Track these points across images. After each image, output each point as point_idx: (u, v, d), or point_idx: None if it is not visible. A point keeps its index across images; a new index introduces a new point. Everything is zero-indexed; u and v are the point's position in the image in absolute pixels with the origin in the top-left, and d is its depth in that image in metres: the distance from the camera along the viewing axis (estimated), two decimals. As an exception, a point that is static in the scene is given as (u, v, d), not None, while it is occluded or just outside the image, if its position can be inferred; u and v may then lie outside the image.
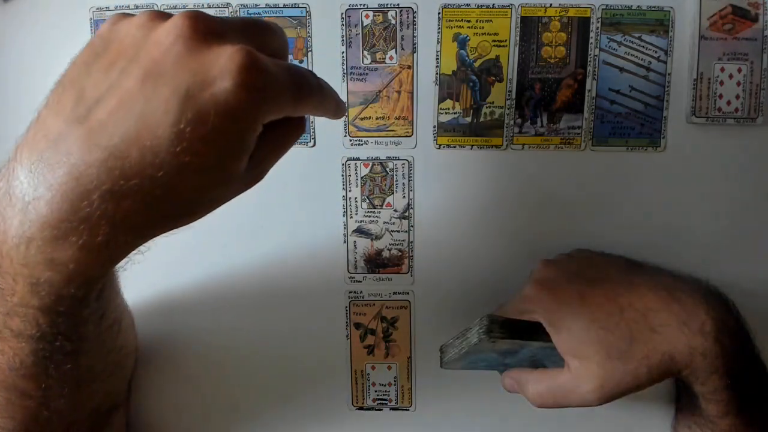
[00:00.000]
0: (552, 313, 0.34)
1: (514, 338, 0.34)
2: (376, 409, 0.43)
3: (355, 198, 0.42)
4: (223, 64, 0.21)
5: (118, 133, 0.21)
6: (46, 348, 0.26)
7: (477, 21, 0.40)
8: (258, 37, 0.24)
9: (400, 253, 0.42)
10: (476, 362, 0.37)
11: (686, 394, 0.36)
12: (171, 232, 0.24)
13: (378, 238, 0.42)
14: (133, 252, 0.25)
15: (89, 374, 0.32)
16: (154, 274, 0.42)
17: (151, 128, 0.20)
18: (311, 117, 0.41)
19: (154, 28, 0.22)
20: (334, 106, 0.28)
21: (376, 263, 0.42)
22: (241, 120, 0.22)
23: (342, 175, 0.41)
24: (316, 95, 0.26)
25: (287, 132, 0.26)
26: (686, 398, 0.37)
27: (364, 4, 0.40)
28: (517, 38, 0.40)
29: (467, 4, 0.40)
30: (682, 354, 0.31)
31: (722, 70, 0.40)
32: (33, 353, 0.26)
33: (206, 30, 0.22)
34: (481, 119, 0.41)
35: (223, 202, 0.25)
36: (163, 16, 0.22)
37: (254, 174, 0.26)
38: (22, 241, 0.22)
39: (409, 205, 0.42)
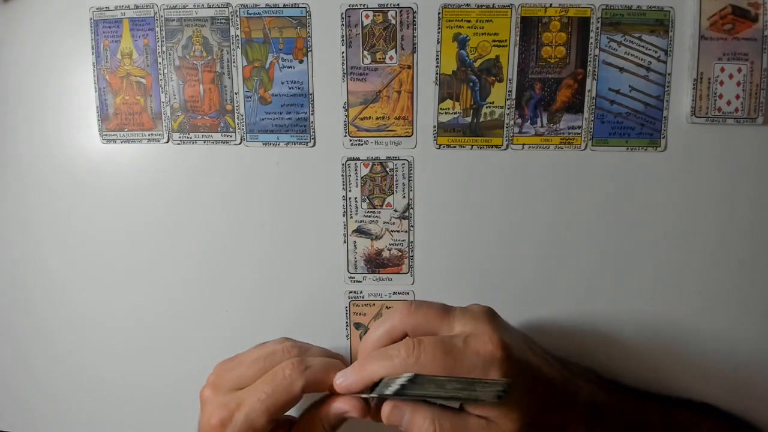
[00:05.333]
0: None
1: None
2: (376, 409, 0.43)
3: (355, 198, 0.42)
4: None
5: None
6: None
7: (477, 21, 0.40)
8: None
9: (400, 253, 0.42)
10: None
11: None
12: None
13: (378, 238, 0.42)
14: None
15: None
16: (157, 276, 0.42)
17: None
18: (311, 117, 0.41)
19: None
20: None
21: (376, 263, 0.42)
22: None
23: (342, 175, 0.41)
24: None
25: None
26: None
27: (364, 4, 0.40)
28: (517, 38, 0.40)
29: (467, 4, 0.40)
30: None
31: (722, 70, 0.40)
32: None
33: None
34: (481, 119, 0.41)
35: None
36: None
37: None
38: None
39: (409, 205, 0.42)
